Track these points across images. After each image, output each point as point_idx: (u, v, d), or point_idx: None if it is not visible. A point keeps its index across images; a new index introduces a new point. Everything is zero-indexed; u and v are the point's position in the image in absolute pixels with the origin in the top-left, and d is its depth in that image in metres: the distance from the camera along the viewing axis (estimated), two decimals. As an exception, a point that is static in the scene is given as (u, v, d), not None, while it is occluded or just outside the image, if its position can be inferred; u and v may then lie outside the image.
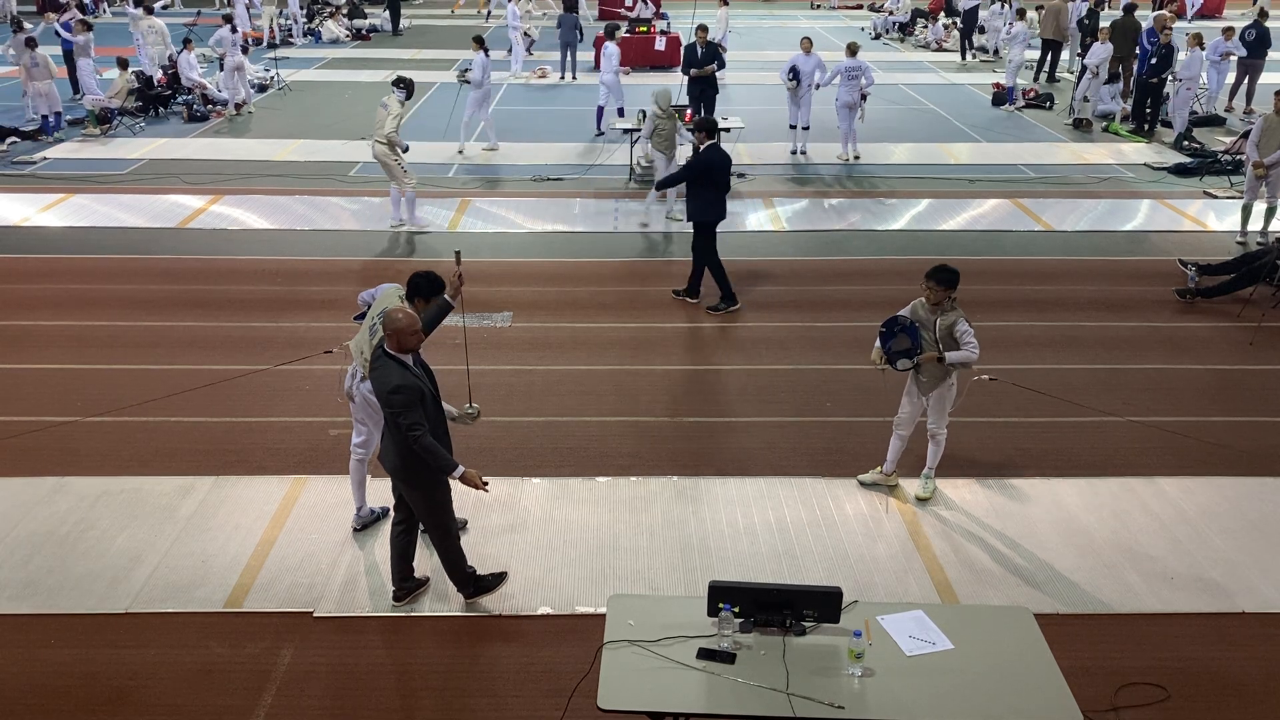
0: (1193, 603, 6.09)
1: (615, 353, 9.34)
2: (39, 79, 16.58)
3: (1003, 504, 7.07)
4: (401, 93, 11.98)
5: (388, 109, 11.84)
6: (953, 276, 6.58)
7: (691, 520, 6.83)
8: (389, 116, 11.80)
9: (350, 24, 28.31)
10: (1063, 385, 8.64)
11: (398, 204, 12.58)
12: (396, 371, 5.30)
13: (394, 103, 11.87)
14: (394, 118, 11.81)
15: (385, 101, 11.94)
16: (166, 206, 13.36)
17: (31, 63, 16.55)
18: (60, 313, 10.07)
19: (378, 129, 11.89)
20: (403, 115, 11.97)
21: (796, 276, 11.28)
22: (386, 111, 11.84)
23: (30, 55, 16.59)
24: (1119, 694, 5.36)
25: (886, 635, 4.64)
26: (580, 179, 14.74)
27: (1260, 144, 11.85)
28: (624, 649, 4.54)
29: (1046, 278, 11.25)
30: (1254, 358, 9.34)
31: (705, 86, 15.80)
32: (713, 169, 9.82)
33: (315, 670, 5.51)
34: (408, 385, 5.28)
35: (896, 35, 29.13)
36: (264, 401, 8.33)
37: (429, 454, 5.34)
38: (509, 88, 21.44)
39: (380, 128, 11.83)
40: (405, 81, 12.11)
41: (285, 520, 6.78)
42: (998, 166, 15.63)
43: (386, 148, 11.85)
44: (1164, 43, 17.18)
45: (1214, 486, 7.29)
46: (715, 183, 9.89)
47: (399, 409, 5.27)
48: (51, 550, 6.44)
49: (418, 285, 5.99)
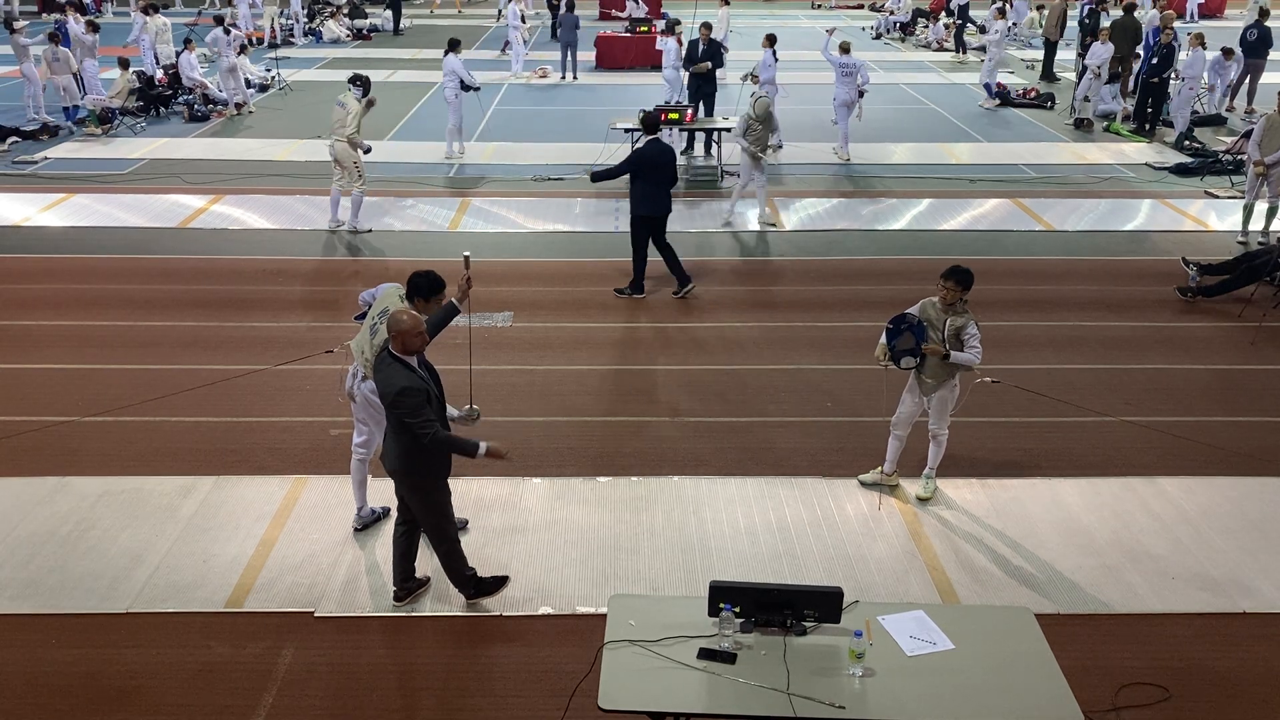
0: (1194, 603, 6.09)
1: (616, 352, 9.34)
2: (60, 73, 16.99)
3: (1004, 504, 7.07)
4: (358, 90, 11.95)
5: (346, 108, 11.82)
6: (969, 278, 6.55)
7: (692, 520, 6.83)
8: (349, 115, 11.78)
9: (351, 24, 28.32)
10: (1064, 385, 8.64)
11: (336, 205, 12.49)
12: (402, 373, 5.29)
13: (352, 101, 11.84)
14: (354, 116, 11.80)
15: (343, 100, 11.90)
16: (167, 206, 13.36)
17: (53, 57, 16.98)
18: (61, 312, 10.07)
19: (337, 128, 11.89)
20: (362, 114, 11.95)
21: (797, 276, 11.28)
22: (345, 110, 11.82)
23: (53, 50, 17.06)
24: (1120, 694, 5.36)
25: (887, 635, 4.64)
26: (581, 179, 14.73)
27: (1262, 143, 11.84)
28: (625, 649, 4.54)
29: (1047, 278, 11.25)
30: (1255, 358, 9.34)
31: (703, 83, 15.84)
32: (651, 163, 10.02)
33: (316, 670, 5.51)
34: (413, 387, 5.27)
35: (897, 35, 29.12)
36: (265, 401, 8.33)
37: (446, 445, 5.36)
38: (509, 87, 21.46)
39: (341, 126, 11.83)
40: (362, 79, 12.10)
41: (286, 520, 6.78)
42: (999, 166, 15.62)
43: (348, 146, 11.85)
44: (1165, 42, 17.19)
45: (1215, 486, 7.29)
46: (654, 177, 10.07)
47: (406, 410, 5.26)
48: (52, 550, 6.44)
49: (417, 285, 5.98)
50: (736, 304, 10.45)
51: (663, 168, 10.09)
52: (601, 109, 18.42)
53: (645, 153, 10.08)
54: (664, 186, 10.18)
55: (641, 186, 10.14)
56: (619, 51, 23.84)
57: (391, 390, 5.28)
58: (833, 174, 15.19)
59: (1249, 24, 18.90)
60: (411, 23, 29.97)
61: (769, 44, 16.26)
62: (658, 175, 10.09)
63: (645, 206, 10.21)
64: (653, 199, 10.18)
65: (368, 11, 29.66)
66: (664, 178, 10.14)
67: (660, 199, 10.22)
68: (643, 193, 10.16)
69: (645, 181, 10.10)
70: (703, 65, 15.72)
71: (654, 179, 10.09)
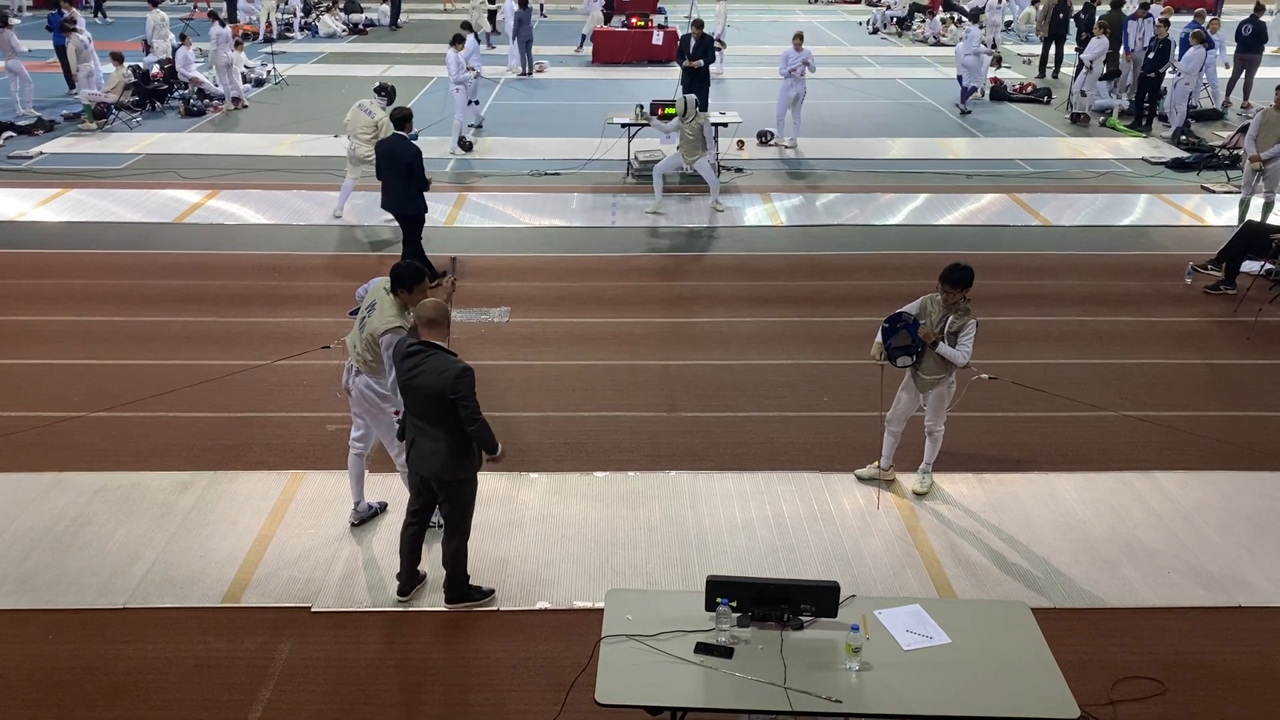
0: (1189, 597, 6.11)
1: (613, 348, 9.34)
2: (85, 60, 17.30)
3: (1000, 499, 7.08)
4: (383, 99, 12.07)
5: (373, 116, 11.90)
6: (963, 279, 6.45)
7: (689, 515, 6.84)
8: (377, 124, 11.83)
9: (347, 18, 28.25)
10: (1060, 380, 8.65)
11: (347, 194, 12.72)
12: (451, 359, 5.36)
13: (379, 110, 11.92)
14: (385, 127, 11.82)
15: (369, 108, 11.96)
16: (163, 201, 13.34)
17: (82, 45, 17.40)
18: (57, 308, 10.05)
19: (362, 133, 11.92)
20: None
21: (794, 271, 11.28)
22: (372, 118, 11.88)
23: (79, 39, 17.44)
24: (1116, 688, 5.37)
25: (884, 630, 4.64)
26: (578, 173, 14.73)
27: (1258, 139, 11.86)
28: (622, 643, 4.55)
29: (1044, 272, 11.26)
30: (1251, 352, 9.36)
31: (695, 78, 15.86)
32: (388, 158, 10.07)
33: (313, 665, 5.52)
34: (470, 368, 5.36)
35: (894, 30, 29.10)
36: (262, 396, 8.32)
37: (486, 434, 5.44)
38: (505, 83, 21.42)
39: (367, 133, 11.86)
40: (388, 89, 12.28)
41: (283, 515, 6.78)
42: (995, 161, 15.62)
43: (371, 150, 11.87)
44: (1160, 37, 17.19)
45: (1211, 481, 7.31)
46: (391, 172, 10.10)
47: (465, 393, 5.32)
48: (49, 545, 6.44)
49: (400, 276, 5.98)
50: (733, 299, 10.45)
51: (398, 164, 10.01)
52: (599, 104, 18.39)
53: (384, 146, 10.18)
54: (399, 181, 10.11)
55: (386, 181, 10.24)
56: (616, 46, 23.80)
57: (453, 373, 5.31)
58: (829, 169, 15.18)
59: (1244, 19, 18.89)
60: (409, 18, 29.90)
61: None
62: (393, 170, 10.08)
63: (384, 201, 10.40)
64: (387, 193, 10.27)
65: (364, 6, 29.58)
66: (398, 172, 10.06)
67: (391, 194, 10.23)
68: (383, 188, 10.33)
69: (386, 176, 10.19)
70: (695, 61, 15.76)
71: (392, 174, 10.10)
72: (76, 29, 17.65)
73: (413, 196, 10.17)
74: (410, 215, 10.31)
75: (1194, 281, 10.80)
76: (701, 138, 12.58)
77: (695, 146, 12.57)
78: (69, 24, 17.80)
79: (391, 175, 10.14)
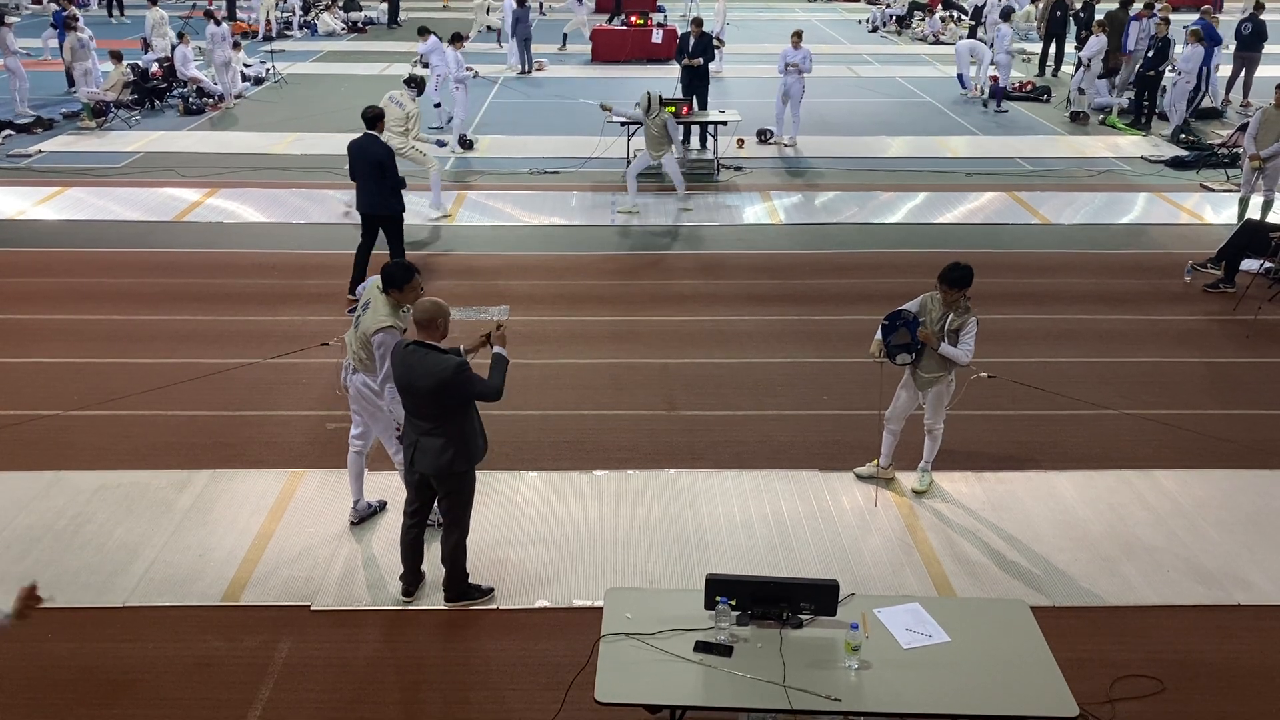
0: (1188, 595, 6.11)
1: (612, 346, 9.34)
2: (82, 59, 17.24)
3: (999, 497, 7.08)
4: (413, 90, 12.15)
5: (404, 108, 11.90)
6: (961, 278, 6.44)
7: (688, 514, 6.84)
8: (408, 118, 11.87)
9: (346, 16, 28.22)
10: (1059, 378, 8.65)
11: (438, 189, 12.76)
12: (442, 356, 5.36)
13: (409, 102, 11.96)
14: (415, 120, 11.99)
15: (400, 100, 11.94)
16: (162, 200, 13.33)
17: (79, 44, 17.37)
18: (56, 306, 10.05)
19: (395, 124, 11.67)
20: None
21: (794, 270, 11.27)
22: (403, 111, 11.89)
23: (78, 38, 17.35)
24: (1115, 686, 5.37)
25: (883, 628, 4.65)
26: (577, 172, 14.73)
27: (1258, 137, 11.85)
28: (621, 642, 4.55)
29: (1043, 271, 11.26)
30: (1250, 350, 9.36)
31: (694, 77, 15.86)
32: (359, 157, 9.91)
33: (313, 664, 5.52)
34: (465, 361, 5.40)
35: (893, 28, 29.09)
36: (261, 395, 8.32)
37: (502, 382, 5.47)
38: (505, 80, 21.40)
39: (399, 124, 11.77)
40: (418, 80, 12.35)
41: (283, 514, 6.77)
42: (995, 160, 15.62)
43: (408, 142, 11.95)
44: (1160, 35, 17.18)
45: (1210, 479, 7.31)
46: (364, 172, 9.95)
47: (467, 382, 5.36)
48: (48, 544, 6.43)
49: (390, 275, 5.98)
50: (733, 297, 10.45)
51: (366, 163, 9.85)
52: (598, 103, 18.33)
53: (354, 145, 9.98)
54: (369, 181, 9.94)
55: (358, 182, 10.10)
56: (616, 44, 23.78)
57: (449, 369, 5.31)
58: (829, 167, 15.18)
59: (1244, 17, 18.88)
60: (408, 16, 29.85)
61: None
62: (362, 170, 9.93)
63: (358, 201, 10.24)
64: (362, 193, 10.12)
65: (362, 4, 29.55)
66: (366, 172, 9.91)
67: (365, 194, 10.08)
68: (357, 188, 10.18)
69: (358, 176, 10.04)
70: (695, 60, 15.77)
71: (363, 174, 9.96)
72: (77, 27, 17.63)
73: (387, 196, 9.99)
74: (386, 215, 10.12)
75: (1193, 280, 10.81)
76: (666, 134, 12.66)
77: (660, 142, 12.71)
78: (71, 20, 17.78)
79: (364, 175, 9.98)
